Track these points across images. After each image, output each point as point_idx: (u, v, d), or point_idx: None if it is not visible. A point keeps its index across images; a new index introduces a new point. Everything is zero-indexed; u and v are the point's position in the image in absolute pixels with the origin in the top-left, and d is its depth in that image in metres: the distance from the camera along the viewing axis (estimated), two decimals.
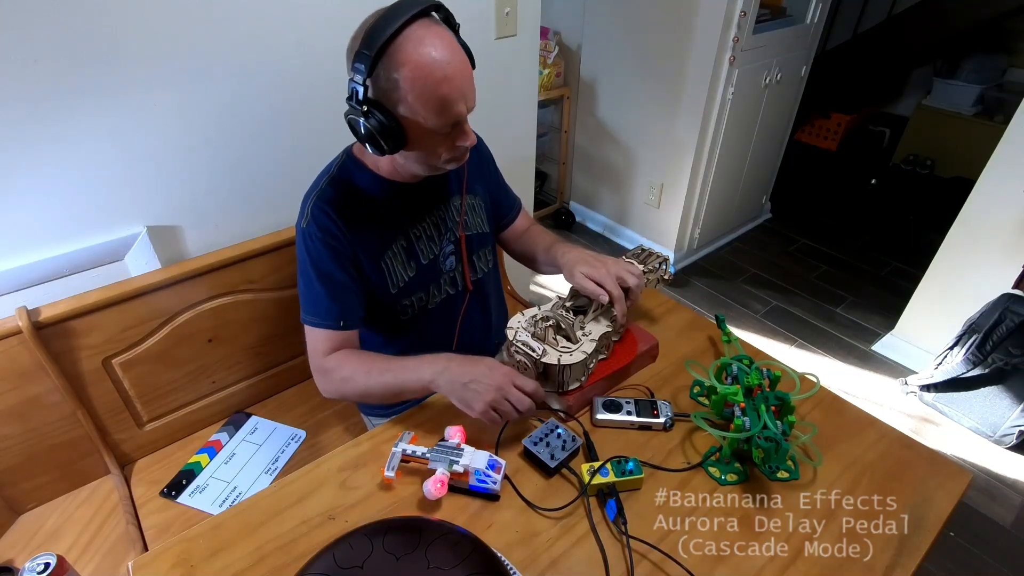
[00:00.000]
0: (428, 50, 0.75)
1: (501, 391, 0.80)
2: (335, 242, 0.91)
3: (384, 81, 0.76)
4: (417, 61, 0.75)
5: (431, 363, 0.86)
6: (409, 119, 0.79)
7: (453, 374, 0.83)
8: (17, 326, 0.98)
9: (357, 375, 0.90)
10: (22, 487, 1.11)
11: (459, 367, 0.84)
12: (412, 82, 0.76)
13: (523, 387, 0.81)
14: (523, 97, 1.71)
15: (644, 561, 0.72)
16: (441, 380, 0.84)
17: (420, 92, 0.76)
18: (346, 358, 0.92)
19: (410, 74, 0.75)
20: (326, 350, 0.93)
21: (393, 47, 0.74)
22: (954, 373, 1.82)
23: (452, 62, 0.77)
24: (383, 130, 0.79)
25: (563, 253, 1.02)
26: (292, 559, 0.71)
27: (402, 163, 0.90)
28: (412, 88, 0.76)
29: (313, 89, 1.25)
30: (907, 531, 0.75)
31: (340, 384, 0.92)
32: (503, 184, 1.17)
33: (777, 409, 0.82)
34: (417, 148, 0.84)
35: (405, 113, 0.79)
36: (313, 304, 0.93)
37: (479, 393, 0.80)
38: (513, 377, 0.82)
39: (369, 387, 0.90)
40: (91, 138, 1.03)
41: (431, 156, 0.86)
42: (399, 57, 0.74)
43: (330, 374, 0.92)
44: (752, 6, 2.06)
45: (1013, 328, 1.67)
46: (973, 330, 1.78)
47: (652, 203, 2.58)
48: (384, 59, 0.75)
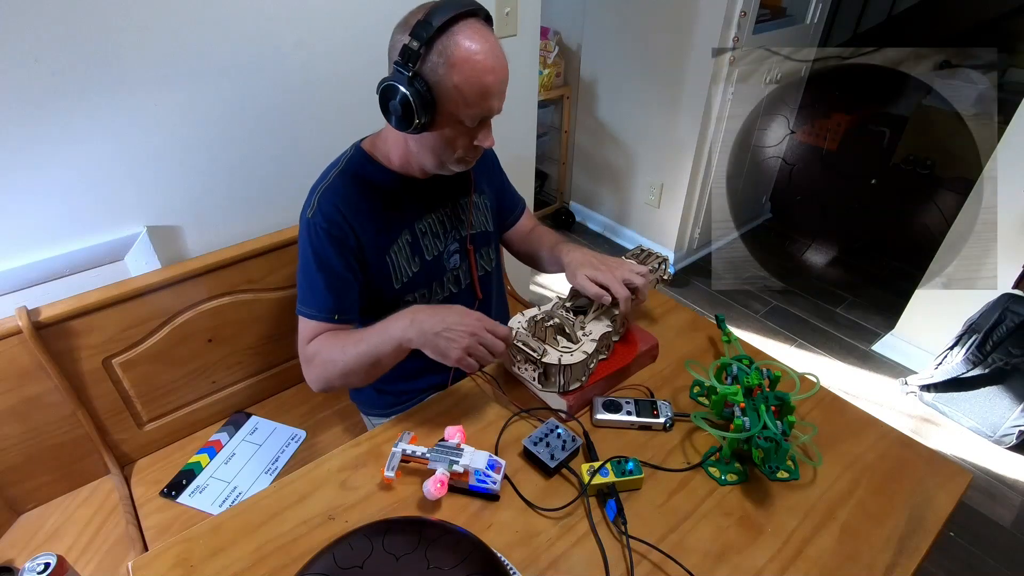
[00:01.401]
0: (481, 43, 0.79)
1: (475, 336, 0.80)
2: (340, 235, 0.91)
3: (437, 55, 0.78)
4: (473, 48, 0.79)
5: (397, 319, 0.86)
6: (448, 99, 0.81)
7: (424, 325, 0.83)
8: (17, 326, 0.98)
9: (334, 354, 0.89)
10: (22, 487, 1.11)
11: (428, 317, 0.84)
12: (464, 63, 0.78)
13: (495, 331, 0.82)
14: (523, 97, 1.71)
15: (644, 561, 0.72)
16: (411, 333, 0.83)
17: (468, 75, 0.79)
18: (323, 341, 0.92)
19: (464, 56, 0.78)
20: (310, 339, 0.93)
21: (454, 29, 0.78)
22: (954, 373, 1.82)
23: (499, 58, 0.82)
24: (421, 101, 0.80)
25: (566, 253, 1.02)
26: (292, 559, 0.71)
27: (415, 152, 0.91)
28: (462, 69, 0.79)
29: (313, 89, 1.25)
30: (907, 531, 0.75)
31: (322, 370, 0.91)
32: (507, 184, 1.18)
33: (777, 409, 0.82)
34: (439, 134, 0.85)
35: (446, 92, 0.80)
36: (310, 295, 0.93)
37: (453, 340, 0.80)
38: (485, 322, 0.82)
39: (347, 363, 0.88)
40: (91, 138, 1.03)
41: (447, 148, 0.87)
42: (457, 39, 0.78)
43: (311, 361, 0.92)
44: (752, 6, 2.07)
45: (1013, 328, 1.67)
46: (973, 330, 1.78)
47: (652, 203, 2.58)
48: (443, 36, 0.78)
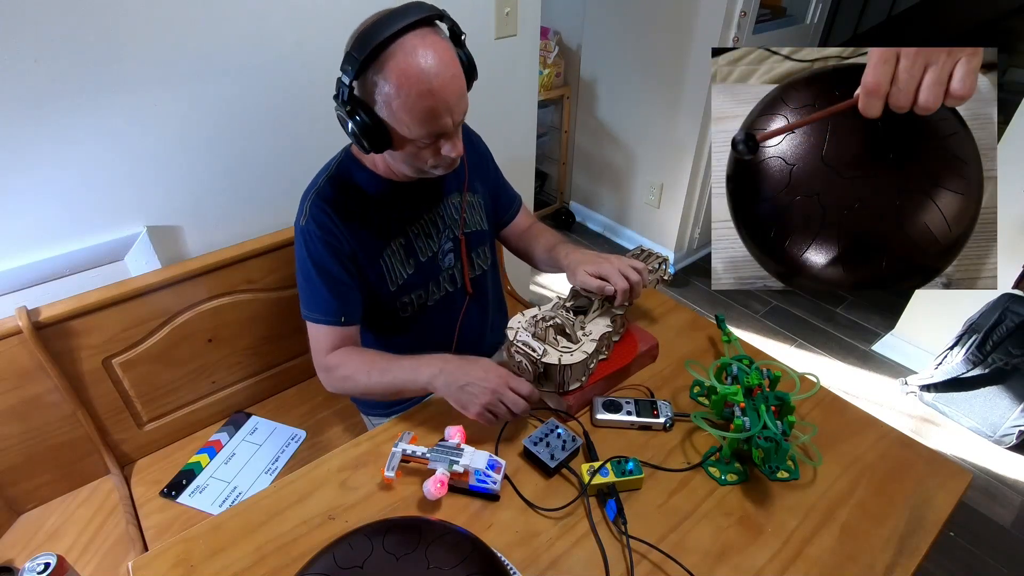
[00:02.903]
0: (418, 60, 0.75)
1: (496, 394, 0.81)
2: (334, 240, 0.91)
3: (370, 84, 0.77)
4: (405, 70, 0.75)
5: (428, 364, 0.87)
6: (396, 123, 0.80)
7: (450, 376, 0.84)
8: (17, 326, 0.98)
9: (358, 375, 0.92)
10: (22, 487, 1.11)
11: (456, 369, 0.85)
12: (397, 90, 0.76)
13: (518, 389, 0.82)
14: (523, 97, 1.71)
15: (644, 561, 0.72)
16: (438, 382, 0.85)
17: (403, 101, 0.77)
18: (347, 356, 0.93)
19: (396, 82, 0.75)
20: (328, 347, 0.94)
21: (385, 53, 0.74)
22: (954, 373, 1.82)
23: (441, 75, 0.76)
24: (366, 130, 0.79)
25: (566, 254, 1.03)
26: (292, 559, 0.71)
27: (391, 163, 0.92)
28: (396, 96, 0.76)
29: (313, 89, 1.25)
30: (907, 531, 0.75)
31: (341, 382, 0.94)
32: (503, 181, 1.17)
33: (777, 409, 0.82)
34: (403, 152, 0.85)
35: (388, 119, 0.79)
36: (314, 301, 0.93)
37: (475, 396, 0.81)
38: (508, 379, 0.82)
39: (370, 386, 0.92)
40: (91, 138, 1.03)
41: (417, 160, 0.86)
42: (389, 64, 0.75)
43: (332, 372, 0.94)
44: (752, 6, 2.07)
45: (1013, 328, 1.67)
46: (973, 330, 1.78)
47: (652, 203, 2.58)
48: (374, 63, 0.75)
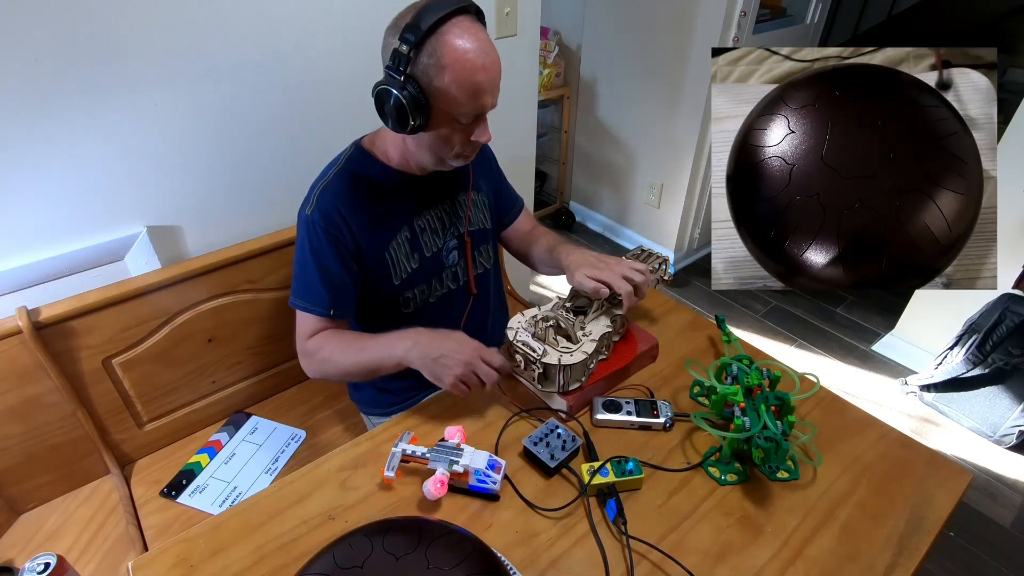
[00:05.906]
0: (472, 41, 0.80)
1: (469, 365, 0.83)
2: (337, 234, 0.92)
3: (427, 57, 0.79)
4: (462, 47, 0.79)
5: (402, 339, 0.89)
6: (441, 100, 0.82)
7: (424, 349, 0.86)
8: (17, 326, 0.98)
9: (336, 356, 0.93)
10: (22, 487, 1.11)
11: (430, 342, 0.87)
12: (454, 63, 0.79)
13: (491, 361, 0.84)
14: (523, 97, 1.71)
15: (644, 561, 0.72)
16: (412, 355, 0.87)
17: (458, 74, 0.79)
18: (326, 339, 0.95)
19: (454, 56, 0.79)
20: (311, 333, 0.95)
21: (442, 29, 0.78)
22: (954, 373, 1.82)
23: (490, 55, 0.82)
24: (414, 104, 0.81)
25: (567, 255, 1.03)
26: (292, 559, 0.71)
27: (413, 151, 0.92)
28: (452, 69, 0.79)
29: (313, 89, 1.25)
30: (907, 531, 0.75)
31: (320, 364, 0.95)
32: (505, 183, 1.18)
33: (777, 409, 0.82)
34: (436, 133, 0.86)
35: (439, 93, 0.81)
36: (306, 289, 0.95)
37: (448, 367, 0.83)
38: (481, 352, 0.84)
39: (347, 366, 0.93)
40: (91, 138, 1.03)
41: (445, 145, 0.88)
42: (446, 39, 0.78)
43: (311, 356, 0.95)
44: (752, 6, 2.07)
45: (1013, 328, 1.67)
46: (973, 330, 1.78)
47: (652, 203, 2.58)
48: (432, 38, 0.78)
